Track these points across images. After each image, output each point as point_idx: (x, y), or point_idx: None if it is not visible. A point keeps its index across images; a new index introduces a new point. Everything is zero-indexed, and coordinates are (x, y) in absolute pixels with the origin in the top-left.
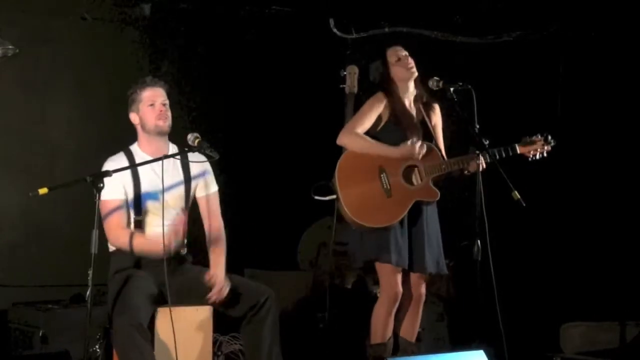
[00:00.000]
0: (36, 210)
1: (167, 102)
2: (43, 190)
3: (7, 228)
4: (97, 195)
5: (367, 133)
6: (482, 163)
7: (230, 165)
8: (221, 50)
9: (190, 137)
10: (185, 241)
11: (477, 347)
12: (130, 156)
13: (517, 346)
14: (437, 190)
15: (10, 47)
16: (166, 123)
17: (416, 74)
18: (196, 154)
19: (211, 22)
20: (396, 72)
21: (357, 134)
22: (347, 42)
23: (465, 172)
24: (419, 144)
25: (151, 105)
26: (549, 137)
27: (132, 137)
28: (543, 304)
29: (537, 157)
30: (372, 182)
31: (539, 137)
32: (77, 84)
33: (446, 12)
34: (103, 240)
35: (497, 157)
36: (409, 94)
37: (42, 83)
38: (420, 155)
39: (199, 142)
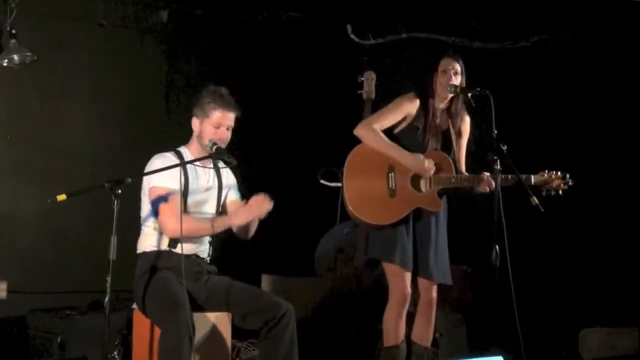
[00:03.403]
0: (53, 216)
1: (233, 125)
2: (61, 197)
3: (24, 234)
4: (115, 201)
5: (387, 130)
6: (491, 186)
7: (248, 171)
8: (238, 56)
9: (208, 143)
10: (210, 251)
11: (495, 353)
12: (180, 157)
13: (535, 352)
14: (440, 202)
15: (28, 54)
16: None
17: (451, 94)
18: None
19: (228, 28)
20: (438, 82)
21: (374, 130)
22: (365, 48)
23: (474, 191)
24: (431, 165)
25: (216, 127)
26: (567, 176)
27: (152, 141)
28: (561, 310)
29: (552, 194)
30: (378, 179)
31: (558, 174)
32: (94, 90)
33: (463, 17)
34: (121, 246)
35: (510, 184)
36: (443, 104)
37: (59, 89)
38: (428, 174)
39: (216, 149)
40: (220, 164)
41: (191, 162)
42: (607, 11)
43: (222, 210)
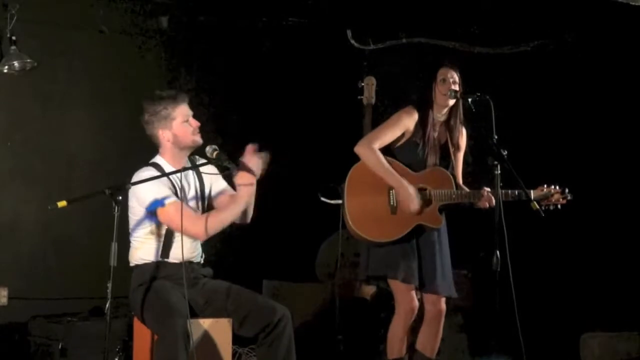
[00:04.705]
0: (54, 222)
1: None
2: (62, 203)
3: (25, 240)
4: (116, 207)
5: (386, 146)
6: (491, 202)
7: None
8: (239, 62)
9: (208, 149)
10: (203, 255)
11: (497, 358)
12: (159, 169)
13: (536, 357)
14: (442, 218)
15: (28, 60)
16: (200, 136)
17: (451, 101)
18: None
19: (229, 35)
20: (436, 91)
21: (374, 150)
22: (365, 53)
23: (474, 206)
24: (416, 203)
25: (186, 122)
26: (566, 191)
27: (150, 148)
28: (563, 314)
29: (551, 208)
30: (379, 196)
31: (557, 189)
32: (94, 96)
33: (463, 22)
34: (122, 252)
35: (510, 199)
36: (442, 115)
37: (60, 95)
38: (413, 212)
39: (217, 154)
40: (206, 169)
41: (190, 168)
42: (608, 15)
43: (209, 205)
